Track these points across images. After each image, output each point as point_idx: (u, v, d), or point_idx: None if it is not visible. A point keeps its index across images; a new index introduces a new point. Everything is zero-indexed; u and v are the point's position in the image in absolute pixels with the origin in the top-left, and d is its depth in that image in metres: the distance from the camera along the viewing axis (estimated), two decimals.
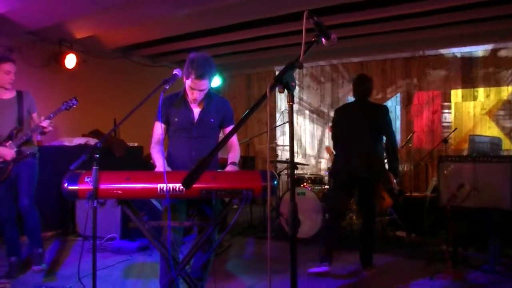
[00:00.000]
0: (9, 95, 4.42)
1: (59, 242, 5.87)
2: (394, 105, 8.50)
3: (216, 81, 8.99)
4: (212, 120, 3.45)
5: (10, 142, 4.25)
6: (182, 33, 7.25)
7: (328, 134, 9.15)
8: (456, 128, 7.46)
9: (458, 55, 7.95)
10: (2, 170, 4.25)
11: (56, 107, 4.31)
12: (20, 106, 4.41)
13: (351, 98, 8.82)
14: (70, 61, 7.21)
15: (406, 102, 8.38)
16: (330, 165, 6.82)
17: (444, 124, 8.09)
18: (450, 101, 8.01)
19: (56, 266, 4.82)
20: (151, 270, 4.63)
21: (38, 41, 7.08)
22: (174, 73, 3.22)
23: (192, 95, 3.33)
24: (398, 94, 8.48)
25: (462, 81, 7.92)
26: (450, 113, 8.03)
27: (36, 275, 4.44)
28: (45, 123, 4.21)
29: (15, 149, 4.25)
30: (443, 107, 8.10)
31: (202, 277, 3.58)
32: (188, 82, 3.29)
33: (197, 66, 3.19)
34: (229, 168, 3.30)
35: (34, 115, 4.51)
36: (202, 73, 3.20)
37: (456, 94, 7.97)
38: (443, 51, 7.98)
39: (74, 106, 4.38)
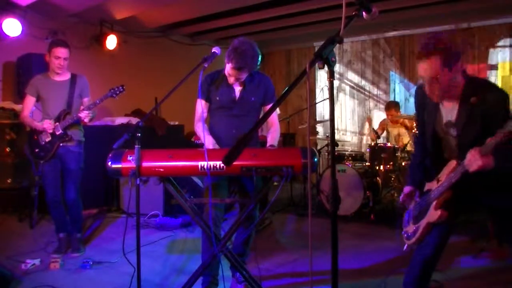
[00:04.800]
0: (62, 77, 4.43)
1: (104, 219, 6.04)
2: None
3: None
4: (253, 98, 3.44)
5: (57, 123, 4.32)
6: (221, 11, 7.21)
7: (368, 107, 9.02)
8: None
9: (506, 26, 7.59)
10: (47, 149, 4.34)
11: (98, 88, 4.34)
12: (72, 90, 4.43)
13: (393, 73, 8.63)
14: (111, 42, 7.34)
15: None
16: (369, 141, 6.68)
17: None
18: (496, 75, 7.67)
19: (102, 242, 4.98)
20: (193, 246, 4.72)
21: (80, 23, 7.21)
22: (213, 51, 3.19)
23: (229, 79, 3.36)
24: None
25: (510, 53, 7.56)
26: None
27: (85, 251, 4.59)
28: (82, 114, 4.24)
29: (60, 131, 4.32)
30: None
31: (243, 253, 3.63)
32: (227, 67, 3.31)
33: (238, 57, 3.17)
34: None
35: (86, 100, 4.52)
36: (241, 66, 3.21)
37: (504, 67, 7.62)
38: (490, 22, 7.63)
39: (121, 94, 4.36)
